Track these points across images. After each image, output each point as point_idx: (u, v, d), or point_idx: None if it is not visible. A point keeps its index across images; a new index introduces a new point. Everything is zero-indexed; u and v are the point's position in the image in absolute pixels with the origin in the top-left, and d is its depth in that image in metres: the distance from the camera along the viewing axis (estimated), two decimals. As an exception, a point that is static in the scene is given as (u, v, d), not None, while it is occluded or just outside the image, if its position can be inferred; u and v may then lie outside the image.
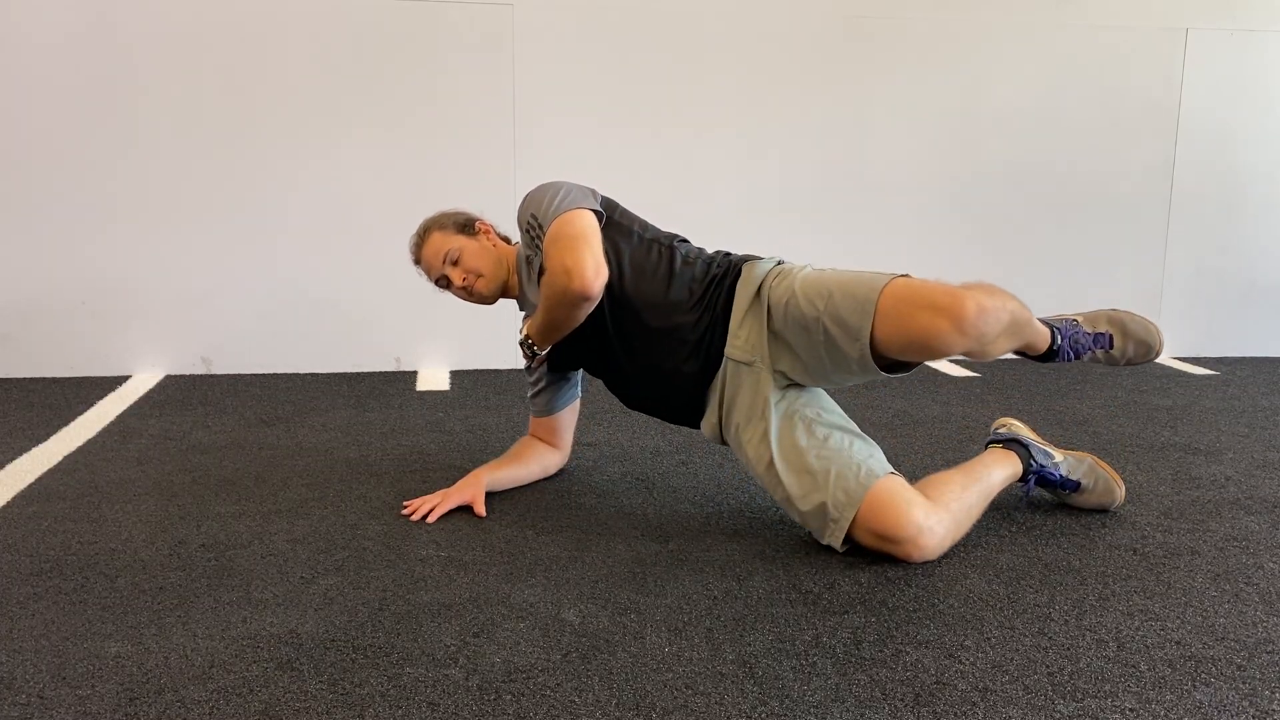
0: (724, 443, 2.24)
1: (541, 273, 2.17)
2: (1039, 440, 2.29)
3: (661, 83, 3.82)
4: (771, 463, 2.06)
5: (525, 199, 2.25)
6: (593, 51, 3.76)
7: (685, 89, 3.84)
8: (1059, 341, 2.14)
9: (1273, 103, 4.20)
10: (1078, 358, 2.18)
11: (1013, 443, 2.24)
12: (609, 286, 2.13)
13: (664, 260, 2.19)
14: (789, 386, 2.12)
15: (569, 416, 2.48)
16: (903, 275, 1.99)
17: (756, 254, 2.26)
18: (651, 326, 2.15)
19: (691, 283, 2.16)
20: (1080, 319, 2.22)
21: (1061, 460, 2.26)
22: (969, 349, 1.89)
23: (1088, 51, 4.06)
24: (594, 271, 2.04)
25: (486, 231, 2.39)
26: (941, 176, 4.06)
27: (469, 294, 2.33)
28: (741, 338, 2.12)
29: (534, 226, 2.19)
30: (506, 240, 2.44)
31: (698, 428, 2.27)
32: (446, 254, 2.31)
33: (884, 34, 3.94)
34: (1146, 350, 2.23)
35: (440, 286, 2.38)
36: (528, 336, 2.22)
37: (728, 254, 2.25)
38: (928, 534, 1.94)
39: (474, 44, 3.67)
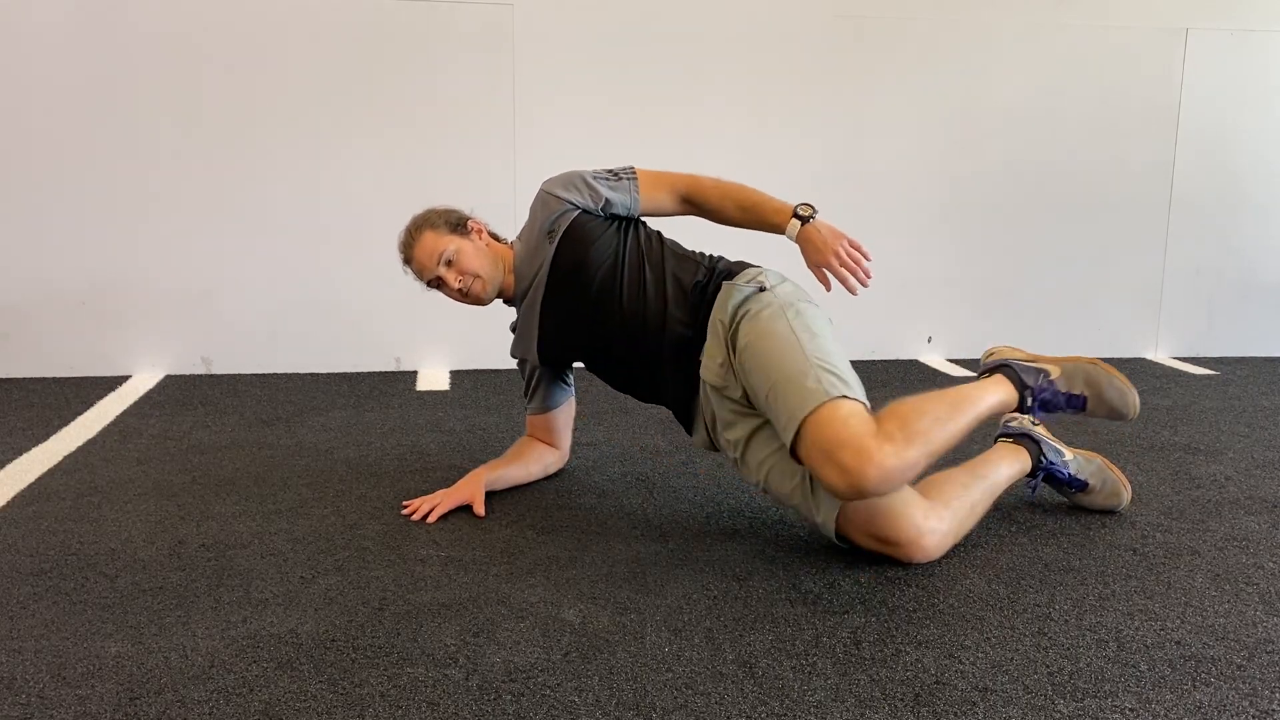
0: (716, 450, 2.25)
1: (558, 239, 2.21)
2: (1050, 437, 2.26)
3: (661, 83, 3.82)
4: (763, 483, 2.08)
5: (559, 184, 2.25)
6: (593, 51, 3.76)
7: (685, 89, 3.84)
8: (1028, 403, 2.09)
9: (1273, 103, 4.20)
10: (1045, 411, 2.13)
11: (1024, 438, 2.21)
12: (610, 285, 2.16)
13: (659, 264, 2.21)
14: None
15: (565, 416, 2.48)
16: (839, 397, 1.84)
17: (744, 262, 2.25)
18: (646, 326, 2.16)
19: (674, 291, 2.17)
20: (1058, 374, 2.12)
21: (1071, 459, 2.24)
22: (865, 500, 1.85)
23: (1088, 51, 4.06)
24: None
25: (479, 230, 2.31)
26: (941, 176, 4.06)
27: (465, 296, 2.27)
28: (715, 365, 2.10)
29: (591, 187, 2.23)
30: (497, 238, 2.37)
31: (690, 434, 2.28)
32: (441, 254, 2.23)
33: (884, 33, 3.94)
34: (1118, 417, 2.15)
35: (433, 287, 2.31)
36: (803, 204, 2.20)
37: (718, 261, 2.25)
38: (928, 535, 1.94)
39: (474, 44, 3.67)
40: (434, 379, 3.67)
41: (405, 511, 2.24)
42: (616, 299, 2.17)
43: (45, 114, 3.50)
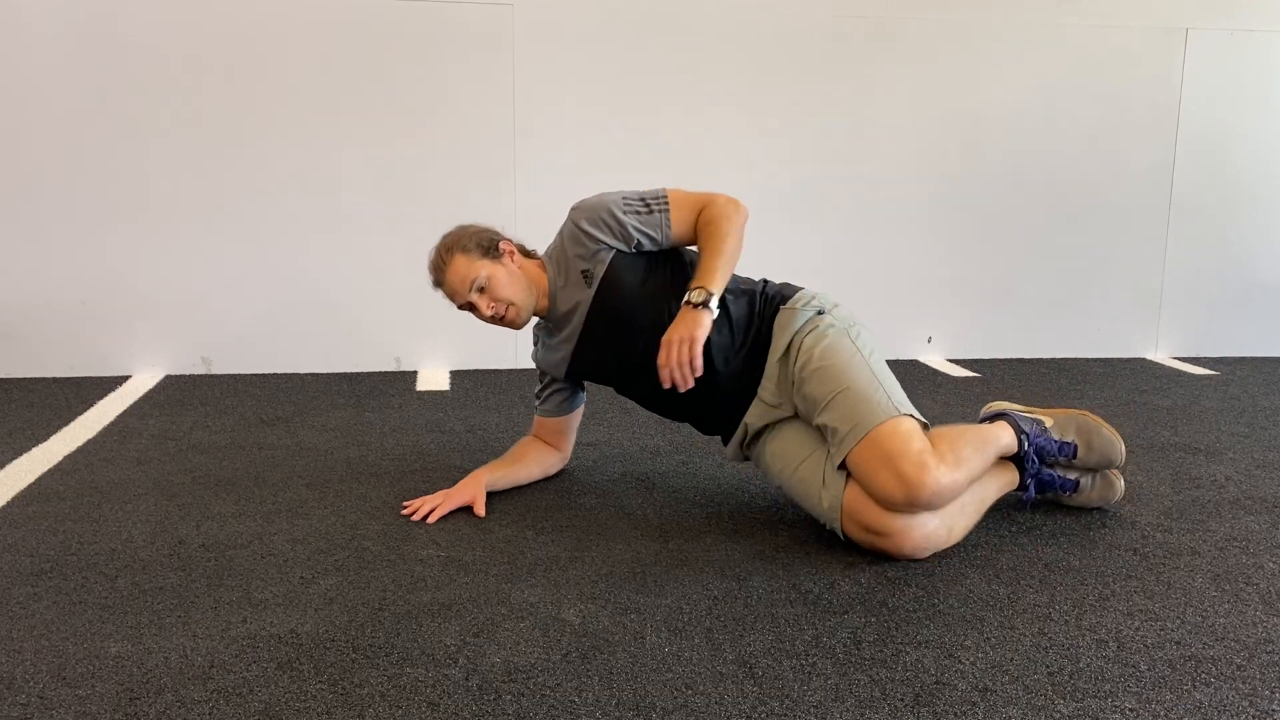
0: (745, 459, 2.31)
1: (583, 275, 2.18)
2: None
3: (662, 82, 3.81)
4: (794, 473, 2.15)
5: (595, 210, 2.18)
6: (593, 51, 3.76)
7: (685, 88, 3.84)
8: (1025, 447, 2.17)
9: (1273, 103, 4.20)
10: (1041, 463, 2.21)
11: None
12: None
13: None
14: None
15: (574, 420, 2.48)
16: (905, 415, 1.99)
17: (794, 285, 2.28)
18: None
19: (734, 329, 2.18)
20: (1050, 424, 2.25)
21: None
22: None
23: (1088, 51, 4.06)
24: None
25: (510, 252, 2.24)
26: (942, 176, 4.06)
27: (499, 321, 2.23)
28: (770, 385, 2.17)
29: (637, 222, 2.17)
30: (528, 254, 2.31)
31: (723, 437, 2.33)
32: (473, 282, 2.17)
33: (884, 33, 3.94)
34: (1107, 464, 2.26)
35: (465, 310, 2.27)
36: (703, 288, 2.07)
37: (765, 285, 2.27)
38: (916, 526, 1.96)
39: (474, 44, 3.67)
40: (434, 379, 3.67)
41: (405, 512, 2.24)
42: None
43: (45, 115, 3.50)
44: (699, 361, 2.05)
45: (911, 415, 2.02)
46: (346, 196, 3.69)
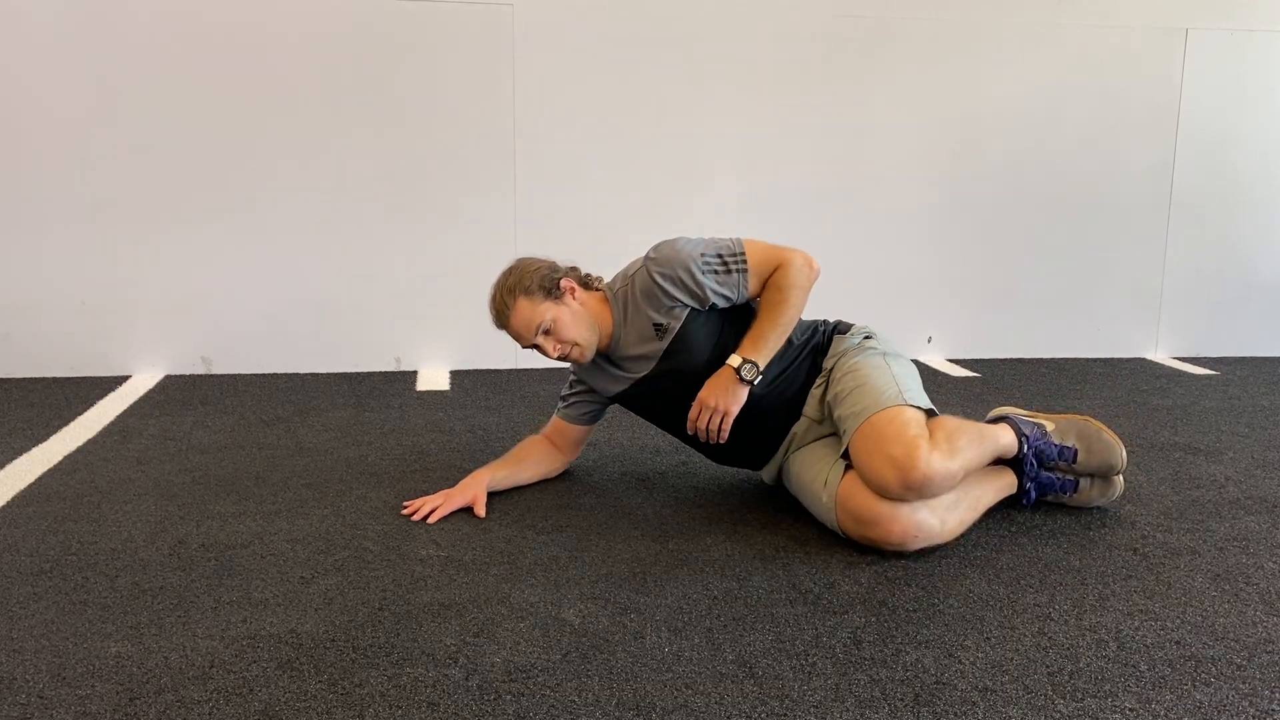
0: (779, 481, 2.36)
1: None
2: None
3: (661, 82, 3.82)
4: (803, 473, 2.22)
5: (676, 255, 2.16)
6: (593, 52, 3.76)
7: (685, 89, 3.84)
8: (1024, 449, 2.20)
9: (1273, 103, 4.20)
10: (1040, 467, 2.25)
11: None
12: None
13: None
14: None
15: (590, 431, 2.49)
16: (910, 406, 2.03)
17: (847, 322, 2.35)
18: (753, 405, 2.19)
19: (792, 366, 2.24)
20: (1052, 428, 2.27)
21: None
22: (905, 499, 1.96)
23: (1088, 51, 4.06)
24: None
25: (572, 290, 2.21)
26: (942, 176, 4.06)
27: (565, 359, 2.23)
28: (814, 404, 2.25)
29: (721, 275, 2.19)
30: (588, 285, 2.27)
31: (756, 469, 2.39)
32: (538, 326, 2.17)
33: (884, 34, 3.94)
34: (1108, 470, 2.27)
35: (530, 349, 2.27)
36: (754, 364, 2.13)
37: (825, 323, 2.34)
38: (906, 512, 1.96)
39: (474, 44, 3.67)
40: (434, 379, 3.67)
41: (406, 512, 2.24)
42: None
43: (44, 114, 3.50)
44: (726, 435, 2.16)
45: (917, 406, 2.05)
46: (346, 196, 3.69)
